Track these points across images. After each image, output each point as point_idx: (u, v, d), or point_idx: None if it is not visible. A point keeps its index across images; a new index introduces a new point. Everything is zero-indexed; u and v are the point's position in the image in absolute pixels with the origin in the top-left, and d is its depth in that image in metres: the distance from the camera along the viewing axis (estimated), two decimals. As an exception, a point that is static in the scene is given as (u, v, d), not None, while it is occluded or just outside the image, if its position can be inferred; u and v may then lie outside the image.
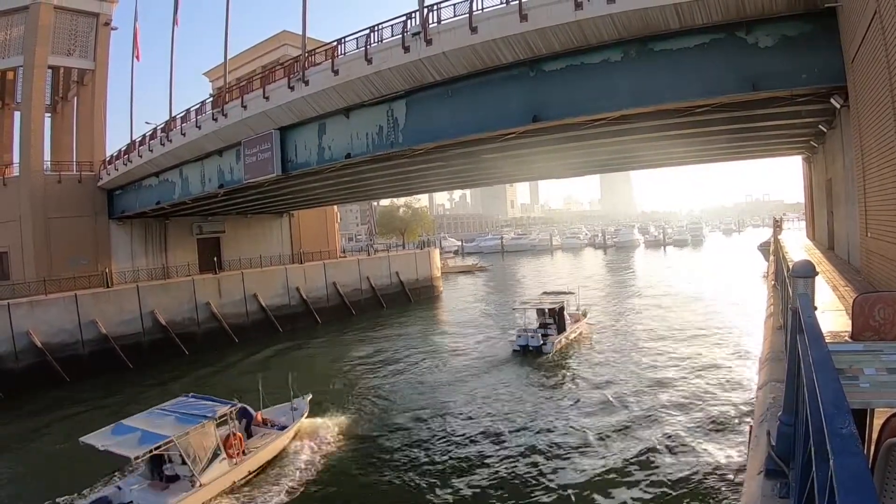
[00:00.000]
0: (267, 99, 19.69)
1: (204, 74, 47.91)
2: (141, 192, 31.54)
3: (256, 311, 34.78)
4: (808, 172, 25.28)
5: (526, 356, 24.08)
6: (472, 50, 14.22)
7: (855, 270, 11.62)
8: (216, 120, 22.20)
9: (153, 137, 27.31)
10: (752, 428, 5.12)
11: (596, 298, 39.30)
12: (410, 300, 44.40)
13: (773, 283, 11.61)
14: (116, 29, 36.40)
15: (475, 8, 13.86)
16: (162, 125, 26.88)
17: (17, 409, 21.35)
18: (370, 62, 15.98)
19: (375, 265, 43.95)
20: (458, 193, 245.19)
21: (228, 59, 27.14)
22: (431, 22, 14.76)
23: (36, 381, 23.83)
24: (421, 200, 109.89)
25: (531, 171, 29.33)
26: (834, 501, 1.22)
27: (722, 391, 18.08)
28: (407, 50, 15.12)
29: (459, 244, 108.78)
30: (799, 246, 20.33)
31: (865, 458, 1.41)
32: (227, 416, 13.80)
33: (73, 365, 25.50)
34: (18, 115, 34.45)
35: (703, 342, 25.03)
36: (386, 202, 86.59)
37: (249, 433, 14.90)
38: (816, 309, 3.53)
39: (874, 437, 2.45)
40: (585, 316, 29.75)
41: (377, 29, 16.37)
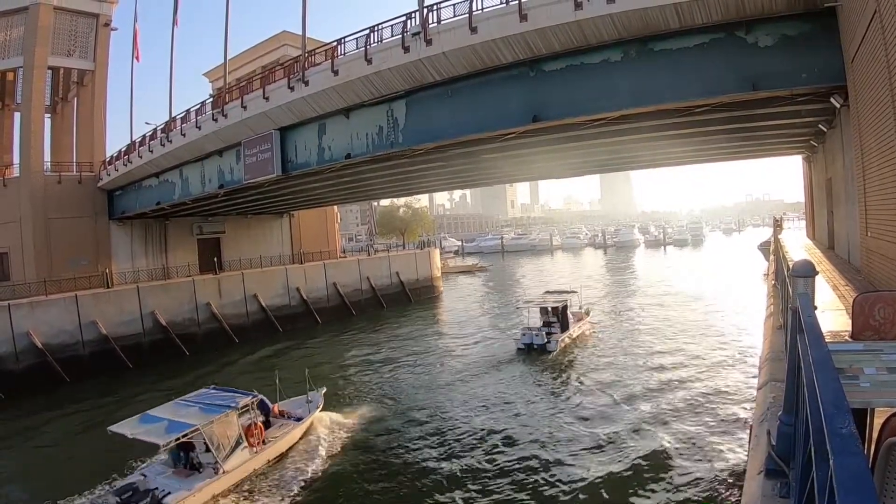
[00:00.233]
0: (267, 99, 19.70)
1: (204, 75, 47.93)
2: (141, 192, 31.54)
3: (257, 311, 34.79)
4: (808, 172, 25.28)
5: (530, 354, 24.30)
6: (471, 50, 14.22)
7: (855, 270, 11.62)
8: (216, 120, 22.20)
9: (153, 138, 27.30)
10: (752, 427, 5.12)
11: (597, 298, 39.34)
12: (411, 300, 44.40)
13: (773, 282, 11.61)
14: (116, 30, 36.43)
15: (475, 8, 13.86)
16: (162, 126, 26.87)
17: (17, 409, 21.33)
18: (370, 62, 15.98)
19: (375, 265, 43.94)
20: (458, 193, 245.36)
21: (228, 59, 27.15)
22: (431, 22, 14.75)
23: (36, 381, 23.82)
24: (421, 200, 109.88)
25: (531, 171, 29.33)
26: (834, 501, 1.22)
27: (722, 390, 18.10)
28: (407, 50, 15.12)
29: (459, 244, 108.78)
30: (799, 245, 20.32)
31: (865, 457, 1.41)
32: (248, 406, 14.44)
33: (73, 365, 25.51)
34: (18, 115, 34.42)
35: (703, 341, 25.08)
36: (386, 202, 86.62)
37: (268, 424, 15.37)
38: (816, 308, 3.53)
39: (874, 436, 2.45)
40: (588, 315, 29.88)
41: (377, 29, 16.35)
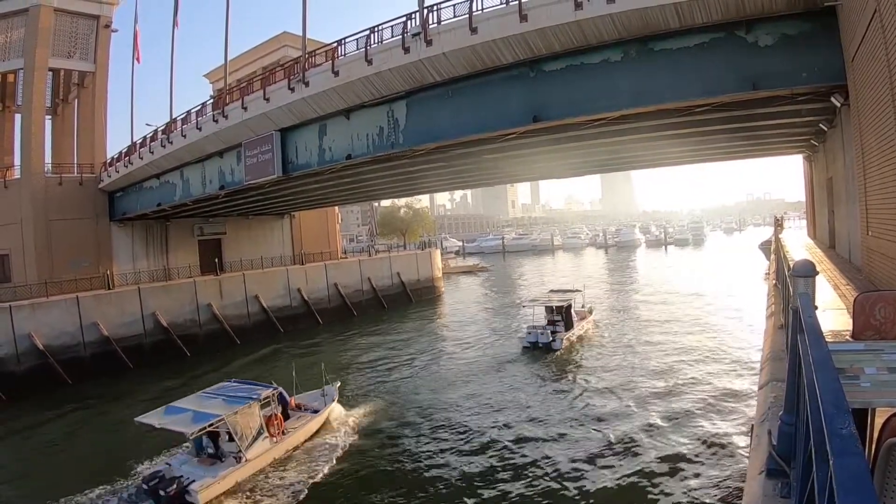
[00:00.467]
0: (267, 100, 19.71)
1: (204, 76, 47.98)
2: (142, 193, 31.56)
3: (258, 312, 34.81)
4: (808, 171, 25.25)
5: (535, 352, 24.60)
6: (472, 50, 14.23)
7: (856, 269, 11.60)
8: (217, 121, 22.21)
9: (154, 139, 27.32)
10: (753, 427, 5.12)
11: (599, 297, 39.45)
12: (412, 301, 44.40)
13: (774, 282, 11.59)
14: (117, 31, 36.41)
15: (475, 8, 13.86)
16: (162, 127, 26.89)
17: (19, 410, 21.36)
18: (370, 63, 15.98)
19: (377, 266, 43.94)
20: (458, 194, 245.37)
21: (229, 60, 27.14)
22: (431, 22, 14.75)
23: (38, 383, 23.84)
24: (422, 201, 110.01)
25: (532, 171, 29.33)
26: (834, 502, 1.22)
27: (724, 390, 18.13)
28: (407, 51, 15.12)
29: (461, 244, 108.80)
30: (800, 245, 20.31)
31: (865, 458, 1.41)
32: (269, 398, 15.14)
33: (74, 367, 25.53)
34: (19, 117, 34.45)
35: (704, 341, 25.14)
36: (387, 203, 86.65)
37: (286, 416, 16.03)
38: (817, 308, 3.53)
39: (875, 436, 2.45)
40: (591, 313, 30.22)
41: (377, 30, 16.33)
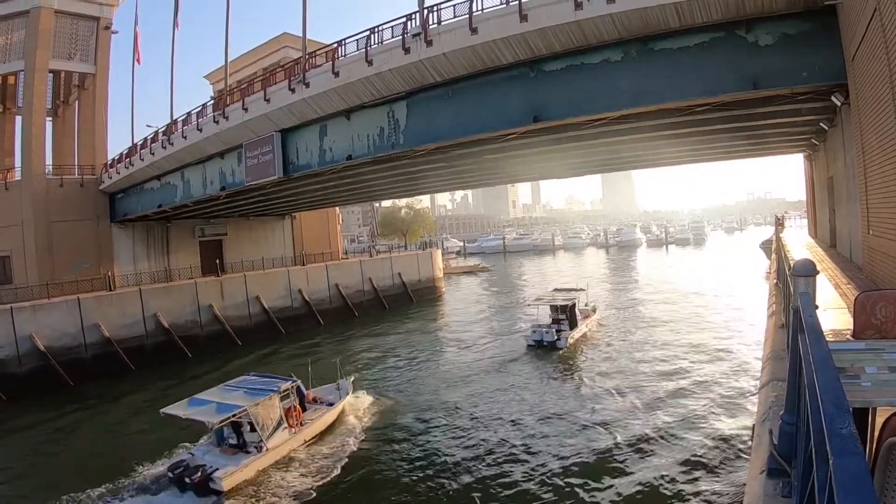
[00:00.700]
0: (268, 101, 19.71)
1: (205, 77, 48.00)
2: (143, 195, 31.59)
3: (259, 313, 34.82)
4: (809, 170, 25.23)
5: (540, 351, 24.79)
6: (472, 51, 14.22)
7: (857, 268, 11.59)
8: (217, 122, 22.21)
9: (154, 140, 27.33)
10: (754, 427, 5.11)
11: (602, 296, 39.56)
12: (413, 301, 44.39)
13: (775, 281, 11.58)
14: (117, 32, 36.42)
15: (475, 9, 13.85)
16: (163, 128, 26.90)
17: (20, 412, 21.38)
18: (371, 64, 15.98)
19: (378, 266, 43.94)
20: (459, 194, 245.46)
21: (229, 61, 27.13)
22: (431, 23, 14.75)
23: (39, 384, 23.86)
24: (423, 201, 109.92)
25: (533, 171, 29.33)
26: (834, 502, 1.22)
27: (726, 389, 18.17)
28: (407, 51, 15.12)
29: (461, 245, 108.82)
30: (801, 244, 20.29)
31: (865, 458, 1.41)
32: (289, 391, 15.85)
33: (76, 368, 25.54)
34: (20, 119, 34.49)
35: (706, 340, 25.23)
36: (388, 203, 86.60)
37: (304, 408, 16.64)
38: (818, 307, 3.53)
39: (876, 435, 2.45)
40: (594, 312, 30.40)
41: (377, 30, 16.33)
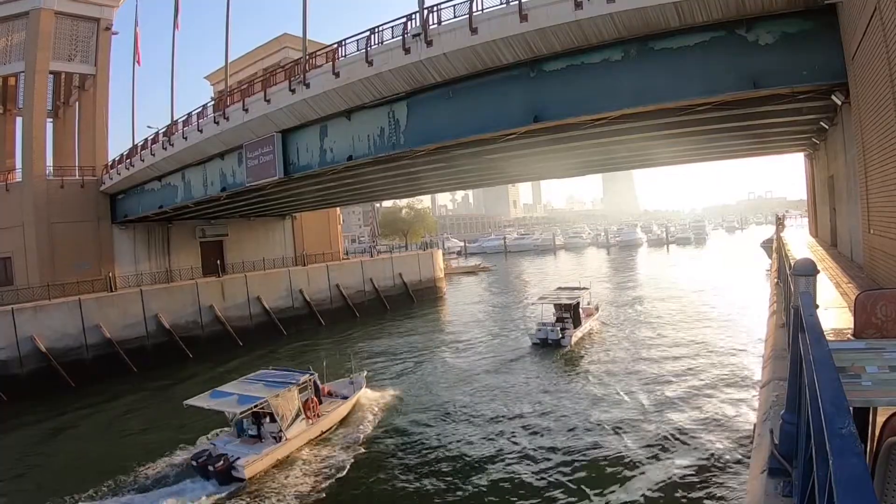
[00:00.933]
0: (268, 102, 19.72)
1: (205, 78, 48.00)
2: (143, 196, 31.60)
3: (260, 313, 34.85)
4: (810, 169, 25.19)
5: (545, 349, 25.04)
6: (472, 51, 14.22)
7: (858, 267, 11.57)
8: (218, 123, 22.22)
9: (155, 141, 27.34)
10: (755, 426, 5.11)
11: (604, 295, 39.73)
12: (414, 301, 44.38)
13: (776, 280, 11.58)
14: (117, 34, 36.41)
15: (475, 9, 13.84)
16: (163, 129, 26.92)
17: (21, 412, 21.39)
18: (371, 64, 15.98)
19: (378, 267, 43.97)
20: (460, 194, 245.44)
21: (229, 62, 27.18)
22: (432, 23, 14.74)
23: (41, 385, 23.88)
24: (423, 201, 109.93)
25: (533, 171, 29.31)
26: (833, 502, 1.22)
27: (727, 388, 18.23)
28: (407, 51, 15.12)
29: (462, 245, 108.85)
30: (801, 243, 20.26)
31: (865, 459, 1.41)
32: (306, 383, 16.56)
33: (77, 369, 25.57)
34: (20, 120, 34.52)
35: (707, 338, 25.34)
36: (388, 203, 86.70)
37: (319, 401, 17.28)
38: (818, 307, 3.53)
39: (876, 434, 2.45)
40: (597, 311, 30.66)
41: (378, 31, 16.32)
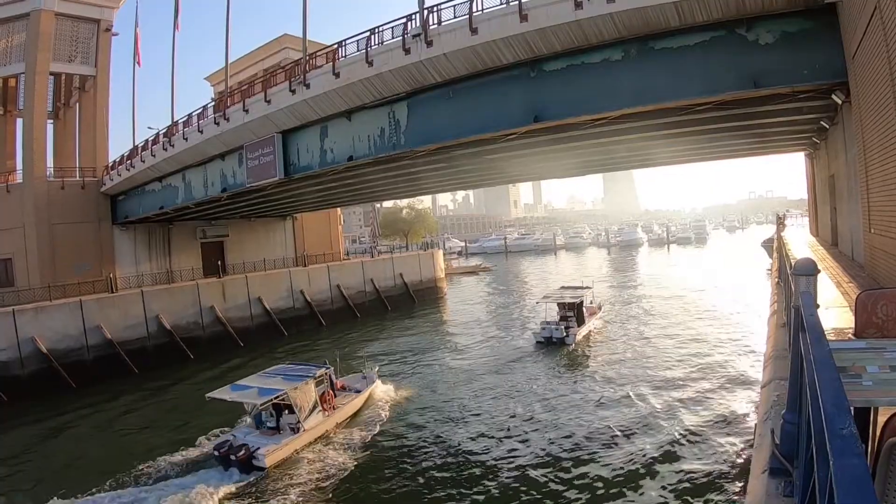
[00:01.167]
0: (269, 102, 19.73)
1: (205, 79, 48.02)
2: (144, 197, 31.62)
3: (261, 314, 34.84)
4: (810, 169, 25.17)
5: (549, 347, 25.21)
6: (472, 51, 14.22)
7: (859, 266, 11.56)
8: (218, 124, 22.23)
9: (155, 142, 27.35)
10: (756, 426, 5.11)
11: (605, 295, 39.78)
12: (415, 302, 44.36)
13: (776, 280, 11.57)
14: (117, 35, 36.38)
15: (475, 9, 13.85)
16: (164, 130, 26.93)
17: (22, 413, 21.39)
18: (371, 64, 15.99)
19: (379, 267, 43.95)
20: (461, 194, 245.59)
21: (230, 63, 27.17)
22: (432, 23, 14.74)
23: (42, 386, 23.88)
24: (424, 202, 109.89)
25: (534, 171, 29.31)
26: (834, 502, 1.22)
27: (729, 388, 18.22)
28: (408, 52, 15.12)
29: (463, 245, 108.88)
30: (802, 243, 20.25)
31: (865, 459, 1.41)
32: (323, 377, 17.22)
33: (78, 370, 25.55)
34: (21, 121, 34.53)
35: (709, 338, 25.38)
36: (389, 204, 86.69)
37: (334, 394, 17.92)
38: (819, 306, 3.52)
39: (877, 434, 2.45)
40: (600, 310, 30.89)
41: (378, 31, 16.32)
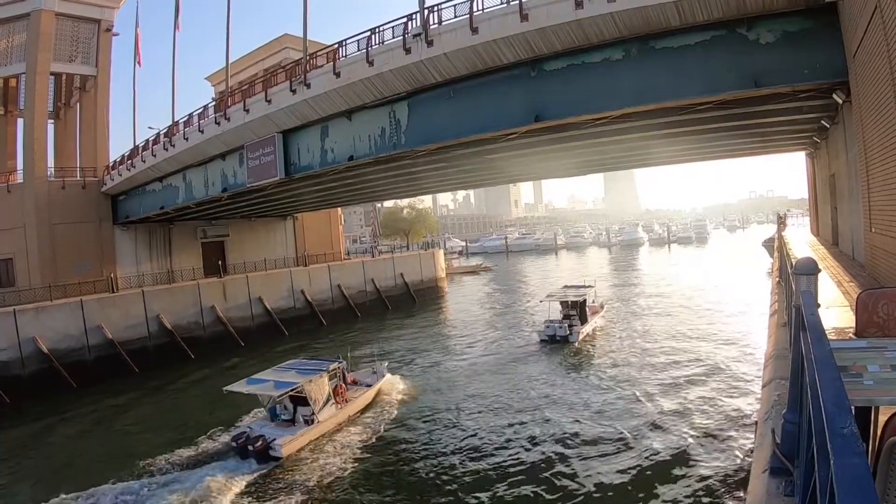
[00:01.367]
0: (269, 102, 19.73)
1: (206, 79, 48.05)
2: (145, 197, 31.64)
3: (261, 314, 34.85)
4: (811, 168, 25.16)
5: (553, 345, 25.34)
6: (473, 50, 14.21)
7: (859, 266, 11.56)
8: (219, 124, 22.23)
9: (156, 142, 27.36)
10: (757, 425, 5.10)
11: (607, 294, 39.80)
12: (415, 301, 44.37)
13: (777, 279, 11.57)
14: (118, 35, 36.40)
15: (476, 8, 13.84)
16: (165, 130, 26.94)
17: (23, 413, 21.43)
18: (372, 64, 15.99)
19: (380, 267, 43.97)
20: (461, 194, 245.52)
21: (230, 62, 27.15)
22: (432, 23, 14.74)
23: (42, 386, 23.89)
24: (424, 201, 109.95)
25: (534, 170, 29.31)
26: (835, 502, 1.22)
27: (730, 387, 18.20)
28: (408, 51, 15.12)
29: (464, 245, 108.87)
30: (803, 242, 20.26)
31: (866, 458, 1.41)
32: (336, 371, 17.61)
33: (79, 370, 25.55)
34: (21, 121, 34.55)
35: (710, 337, 25.40)
36: (390, 203, 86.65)
37: (346, 387, 18.32)
38: (820, 306, 3.52)
39: (878, 434, 2.45)
40: (602, 308, 31.06)
41: (378, 31, 16.31)
